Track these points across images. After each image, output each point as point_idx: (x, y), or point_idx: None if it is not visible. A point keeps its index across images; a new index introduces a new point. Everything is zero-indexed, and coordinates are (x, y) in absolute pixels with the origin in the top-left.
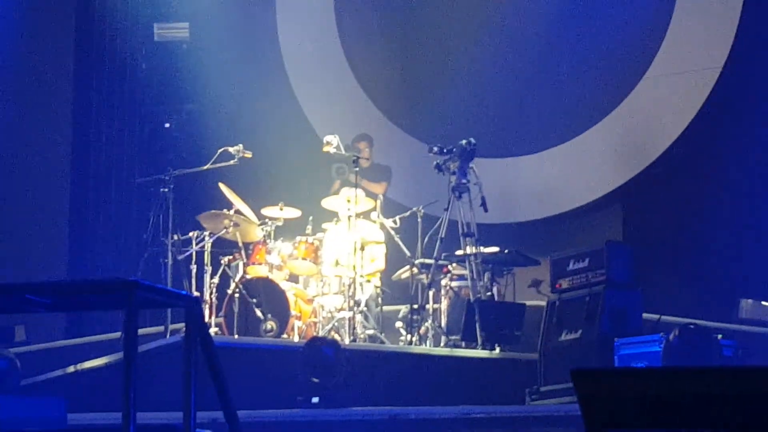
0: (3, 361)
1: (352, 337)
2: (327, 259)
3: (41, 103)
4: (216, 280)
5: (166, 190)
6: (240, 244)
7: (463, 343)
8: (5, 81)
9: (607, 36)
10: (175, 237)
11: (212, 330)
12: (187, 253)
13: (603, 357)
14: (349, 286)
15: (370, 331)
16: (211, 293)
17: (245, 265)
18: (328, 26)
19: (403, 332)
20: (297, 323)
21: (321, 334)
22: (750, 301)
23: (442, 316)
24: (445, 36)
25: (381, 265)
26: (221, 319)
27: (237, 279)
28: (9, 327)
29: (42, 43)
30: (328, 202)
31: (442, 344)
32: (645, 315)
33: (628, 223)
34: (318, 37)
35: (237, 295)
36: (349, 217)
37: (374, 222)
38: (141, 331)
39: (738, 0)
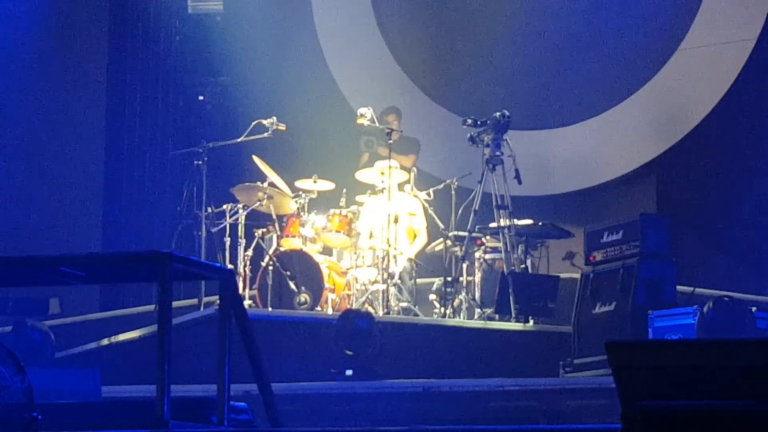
0: (37, 333)
1: (385, 310)
2: (362, 231)
3: (75, 75)
4: (250, 252)
5: (200, 162)
6: (274, 217)
7: (497, 316)
8: (39, 54)
9: (642, 8)
10: (209, 209)
11: (246, 302)
12: (221, 226)
13: (637, 329)
14: (383, 258)
15: (404, 304)
16: (244, 266)
17: (279, 237)
18: None
19: (437, 305)
20: (331, 296)
21: (355, 306)
22: None
23: (476, 289)
24: (479, 7)
25: (424, 239)
26: (255, 292)
27: (271, 251)
28: (43, 299)
29: (76, 15)
30: (362, 175)
31: (475, 317)
32: (679, 287)
33: (662, 195)
34: (351, 8)
35: (271, 267)
36: (383, 189)
37: (408, 194)
38: (175, 304)
39: None
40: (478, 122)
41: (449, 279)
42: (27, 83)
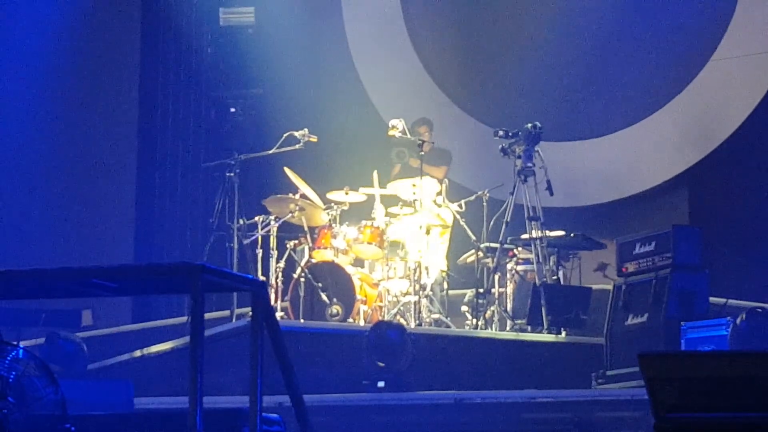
0: (70, 345)
1: (417, 321)
2: (394, 242)
3: (108, 87)
4: (282, 264)
5: (232, 174)
6: (305, 229)
7: (529, 327)
8: (73, 66)
9: (674, 19)
10: (241, 221)
11: (278, 314)
12: (253, 238)
13: (670, 341)
14: (415, 270)
15: (436, 315)
16: (276, 277)
17: (311, 249)
18: (393, 9)
19: (469, 316)
20: (362, 307)
21: (386, 318)
22: None
23: (508, 300)
24: (510, 18)
25: (443, 249)
26: (287, 304)
27: (303, 263)
28: (76, 311)
29: (109, 28)
30: (393, 187)
31: (507, 328)
32: (712, 299)
33: (694, 207)
34: (383, 20)
35: (303, 279)
36: (414, 201)
37: (440, 206)
38: (207, 316)
39: None
40: (510, 133)
41: (481, 290)
42: (60, 95)
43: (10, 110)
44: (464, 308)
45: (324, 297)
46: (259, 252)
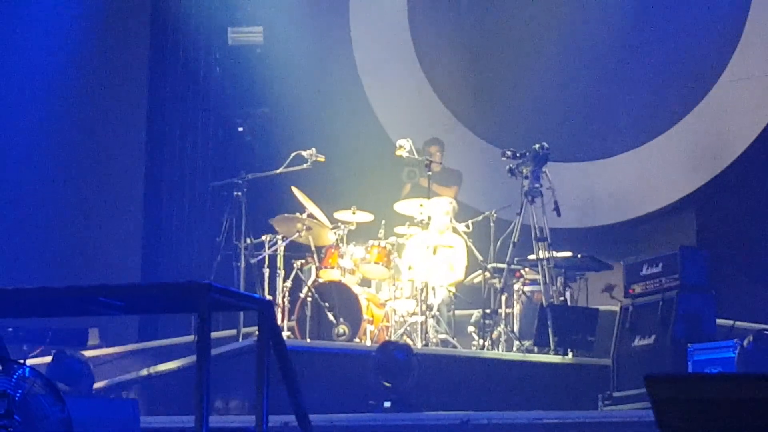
0: (76, 363)
1: (424, 342)
2: (401, 263)
3: (116, 106)
4: (288, 283)
5: (240, 193)
6: (312, 248)
7: (536, 348)
8: (80, 85)
9: (681, 40)
10: (248, 240)
11: (284, 334)
12: (260, 257)
13: (677, 362)
14: (422, 290)
15: (443, 336)
16: (283, 297)
17: (318, 268)
18: (401, 30)
19: (476, 337)
20: (369, 327)
21: (393, 338)
22: None
23: (515, 321)
24: (518, 39)
25: (460, 275)
26: (293, 323)
27: (309, 283)
28: (83, 330)
29: (117, 46)
30: (401, 206)
31: (514, 349)
32: (719, 321)
33: (701, 228)
34: (391, 40)
35: (309, 298)
36: (422, 221)
37: (447, 227)
38: (213, 335)
39: None
40: (517, 154)
41: (488, 311)
42: (68, 114)
43: (18, 130)
44: (471, 329)
45: (331, 317)
46: (266, 271)
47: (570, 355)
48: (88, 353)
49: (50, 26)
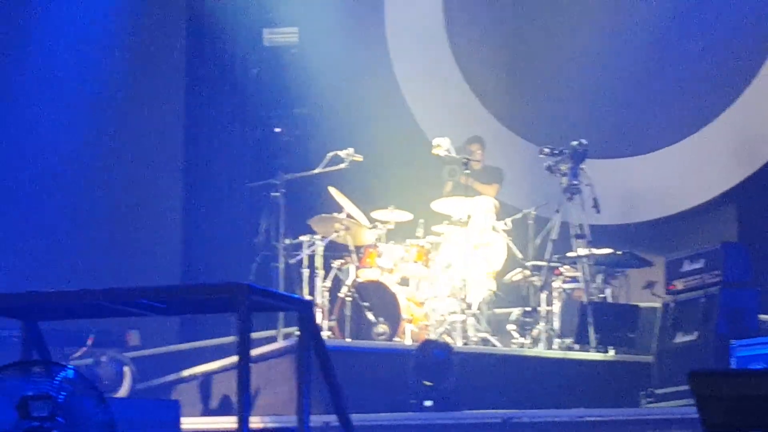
0: (118, 365)
1: (464, 340)
2: (441, 261)
3: (153, 108)
4: (328, 283)
5: (278, 194)
6: (351, 248)
7: (577, 346)
8: (118, 87)
9: (721, 33)
10: (287, 241)
11: (324, 334)
12: (299, 257)
13: (719, 358)
14: (461, 288)
15: (482, 334)
16: (323, 297)
17: (357, 268)
18: (437, 29)
19: (516, 335)
20: (409, 326)
21: (433, 337)
22: None
23: (555, 319)
24: (555, 35)
25: (498, 267)
26: (333, 323)
27: (349, 283)
28: (124, 331)
29: (153, 49)
30: (438, 205)
31: (554, 347)
32: (762, 316)
33: (743, 223)
34: (427, 39)
35: (349, 298)
36: (461, 219)
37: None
38: (254, 335)
39: None
40: (556, 151)
41: (528, 309)
42: (106, 117)
43: (57, 133)
44: (511, 327)
45: (370, 316)
46: (305, 271)
47: (611, 352)
48: (129, 354)
49: (87, 30)
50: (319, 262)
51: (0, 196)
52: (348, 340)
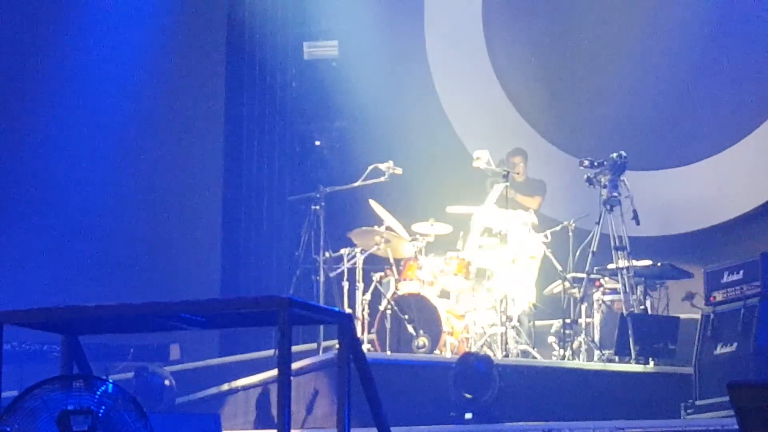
0: (159, 379)
1: (504, 353)
2: (480, 273)
3: (193, 122)
4: (368, 296)
5: (318, 207)
6: (391, 261)
7: (617, 358)
8: (159, 101)
9: (758, 46)
10: (327, 254)
11: (365, 346)
12: (339, 270)
13: (760, 370)
14: (501, 301)
15: (523, 347)
16: (363, 310)
17: (397, 281)
18: (476, 41)
19: (556, 347)
20: (449, 339)
21: (473, 349)
22: None
23: (595, 331)
24: (594, 48)
25: (531, 284)
26: (373, 336)
27: (389, 295)
28: (164, 345)
29: (194, 62)
30: (479, 217)
31: (595, 358)
32: None
33: None
34: (466, 51)
35: (389, 311)
36: (501, 231)
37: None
38: (294, 348)
39: None
40: (595, 163)
41: (568, 321)
42: (147, 131)
43: (98, 148)
44: (551, 339)
45: (410, 329)
46: (345, 284)
47: (651, 363)
48: (169, 369)
49: (129, 43)
50: (359, 275)
51: (39, 208)
52: (388, 353)
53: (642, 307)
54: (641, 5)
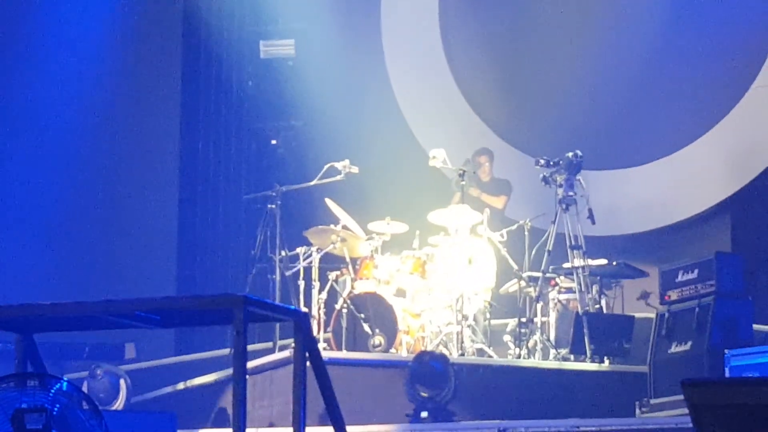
0: (113, 378)
1: (460, 351)
2: (437, 273)
3: (149, 120)
4: (324, 295)
5: (274, 206)
6: (347, 259)
7: (572, 356)
8: (113, 99)
9: (714, 47)
10: (283, 253)
11: (320, 345)
12: (295, 269)
13: (714, 368)
14: (457, 300)
15: (479, 345)
16: (319, 308)
17: (353, 280)
18: (432, 40)
19: (512, 346)
20: (405, 338)
21: (429, 348)
22: None
23: (551, 329)
24: (550, 49)
25: (491, 283)
26: (329, 335)
27: (345, 294)
28: (119, 344)
29: (149, 60)
30: (434, 217)
31: (550, 357)
32: (755, 326)
33: (736, 234)
34: (423, 51)
35: (345, 310)
36: (456, 230)
37: (480, 236)
38: (250, 347)
39: None
40: (551, 162)
41: (523, 320)
42: (101, 128)
43: (51, 144)
44: (507, 338)
45: (366, 328)
46: (301, 283)
47: (606, 362)
48: (125, 367)
49: (84, 40)
50: (315, 273)
51: None
52: (344, 351)
53: (597, 306)
54: (597, 6)
